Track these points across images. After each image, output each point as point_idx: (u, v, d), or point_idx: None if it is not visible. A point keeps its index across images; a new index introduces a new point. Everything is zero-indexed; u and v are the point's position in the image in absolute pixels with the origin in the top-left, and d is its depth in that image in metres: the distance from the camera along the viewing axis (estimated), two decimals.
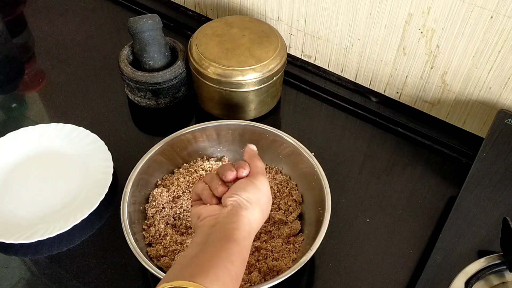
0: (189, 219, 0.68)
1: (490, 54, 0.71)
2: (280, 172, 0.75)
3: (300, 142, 0.71)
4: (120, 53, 0.84)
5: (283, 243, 0.66)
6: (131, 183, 0.66)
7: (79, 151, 0.78)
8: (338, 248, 0.70)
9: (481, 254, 0.65)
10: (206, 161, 0.76)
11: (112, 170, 0.74)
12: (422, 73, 0.80)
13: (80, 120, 0.84)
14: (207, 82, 0.79)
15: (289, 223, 0.69)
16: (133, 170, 0.67)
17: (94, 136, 0.79)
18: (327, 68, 0.92)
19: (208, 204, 0.57)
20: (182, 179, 0.72)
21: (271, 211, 0.70)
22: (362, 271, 0.67)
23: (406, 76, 0.83)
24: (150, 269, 0.58)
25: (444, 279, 0.62)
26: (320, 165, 0.69)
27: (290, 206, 0.71)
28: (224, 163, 0.76)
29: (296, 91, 0.92)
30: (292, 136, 0.72)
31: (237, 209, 0.54)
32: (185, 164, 0.75)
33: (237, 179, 0.59)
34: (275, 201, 0.71)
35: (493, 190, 0.71)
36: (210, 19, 0.94)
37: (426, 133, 0.84)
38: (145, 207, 0.70)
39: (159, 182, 0.72)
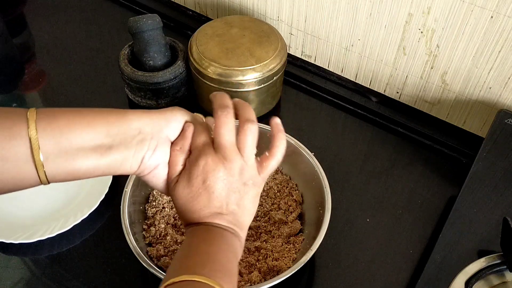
0: None
1: (490, 54, 0.71)
2: (280, 172, 0.75)
3: (300, 142, 0.71)
4: (120, 53, 0.84)
5: (283, 243, 0.66)
6: (131, 183, 0.66)
7: None
8: (338, 248, 0.70)
9: (481, 254, 0.65)
10: None
11: None
12: (422, 73, 0.80)
13: None
14: (207, 82, 0.79)
15: (289, 223, 0.69)
16: None
17: None
18: (327, 68, 0.92)
19: None
20: None
21: (271, 211, 0.70)
22: (362, 271, 0.67)
23: (406, 76, 0.83)
24: (150, 269, 0.58)
25: (444, 279, 0.62)
26: (320, 165, 0.69)
27: (290, 206, 0.71)
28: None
29: (296, 91, 0.92)
30: (292, 136, 0.72)
31: None
32: None
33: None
34: (275, 201, 0.71)
35: (493, 190, 0.71)
36: (210, 19, 0.94)
37: (426, 133, 0.84)
38: (145, 207, 0.70)
39: None
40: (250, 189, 0.50)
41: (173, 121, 0.50)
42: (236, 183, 0.50)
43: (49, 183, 0.46)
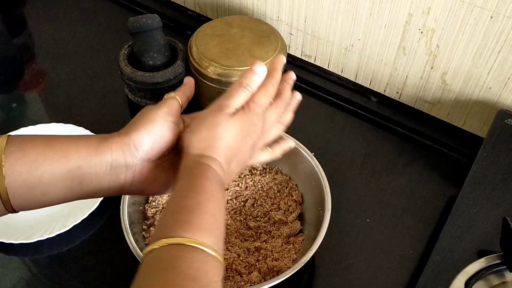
0: None
1: (490, 54, 0.71)
2: (280, 172, 0.75)
3: (300, 142, 0.71)
4: (120, 53, 0.84)
5: (283, 243, 0.66)
6: None
7: None
8: (338, 248, 0.70)
9: (481, 254, 0.65)
10: None
11: None
12: (422, 73, 0.80)
13: (80, 120, 0.84)
14: (207, 82, 0.79)
15: (289, 223, 0.69)
16: None
17: None
18: (327, 68, 0.92)
19: None
20: None
21: (271, 211, 0.70)
22: (362, 271, 0.67)
23: (406, 76, 0.83)
24: None
25: (444, 279, 0.62)
26: (320, 165, 0.69)
27: (290, 206, 0.71)
28: None
29: (296, 91, 0.92)
30: (292, 136, 0.72)
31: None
32: None
33: None
34: (275, 201, 0.71)
35: (493, 190, 0.71)
36: (210, 19, 0.94)
37: (426, 133, 0.84)
38: (145, 207, 0.69)
39: None
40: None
41: (147, 139, 0.48)
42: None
43: (17, 212, 0.46)
